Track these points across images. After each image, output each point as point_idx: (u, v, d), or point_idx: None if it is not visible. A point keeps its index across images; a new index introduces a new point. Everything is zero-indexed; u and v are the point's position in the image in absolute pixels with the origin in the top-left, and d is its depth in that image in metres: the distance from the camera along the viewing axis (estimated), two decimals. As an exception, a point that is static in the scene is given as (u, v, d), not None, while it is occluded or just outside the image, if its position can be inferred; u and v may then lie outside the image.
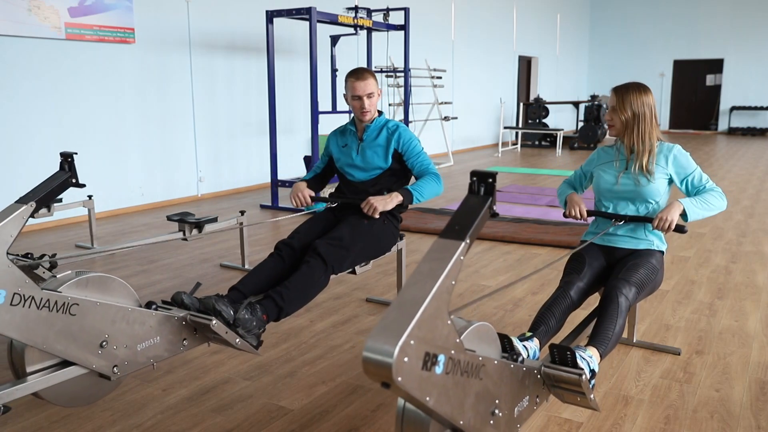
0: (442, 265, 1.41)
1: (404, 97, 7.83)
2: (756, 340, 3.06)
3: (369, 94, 3.01)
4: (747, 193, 7.34)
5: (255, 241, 5.08)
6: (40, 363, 2.12)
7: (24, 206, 2.13)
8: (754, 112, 16.45)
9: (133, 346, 2.24)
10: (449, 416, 1.46)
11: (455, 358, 1.44)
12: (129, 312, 2.22)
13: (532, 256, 4.61)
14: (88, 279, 2.17)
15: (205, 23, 6.97)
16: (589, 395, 1.98)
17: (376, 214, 2.82)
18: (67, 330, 2.05)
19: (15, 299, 1.94)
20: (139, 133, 6.43)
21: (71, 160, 2.35)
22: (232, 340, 2.36)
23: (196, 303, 2.41)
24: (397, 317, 1.30)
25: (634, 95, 2.63)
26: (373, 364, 1.25)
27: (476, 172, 1.60)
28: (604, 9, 18.06)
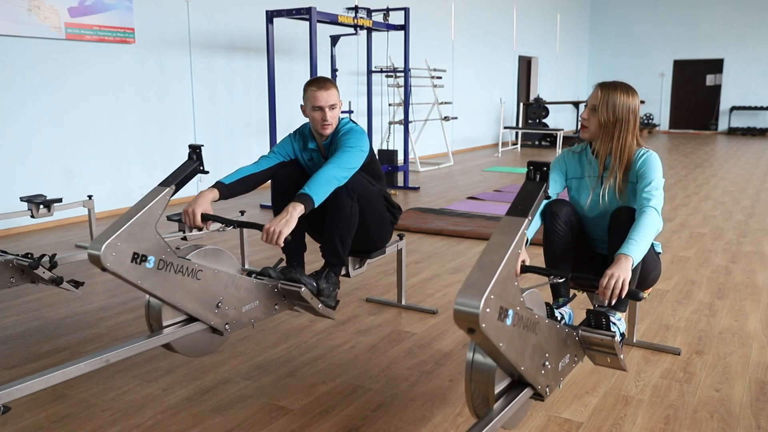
0: (512, 237, 1.72)
1: (404, 97, 7.83)
2: (756, 340, 3.06)
3: (332, 105, 2.78)
4: (747, 193, 7.34)
5: (255, 240, 5.08)
6: (172, 319, 2.47)
7: (166, 189, 2.45)
8: (754, 112, 16.45)
9: (240, 307, 2.61)
10: (514, 361, 1.76)
11: (520, 314, 1.74)
12: (237, 278, 2.57)
13: (533, 256, 4.61)
14: (205, 251, 2.53)
15: (205, 23, 6.97)
16: (620, 355, 2.16)
17: (281, 240, 2.45)
18: (194, 291, 2.43)
19: (161, 264, 2.31)
20: (139, 133, 6.43)
21: (199, 151, 2.63)
22: (315, 305, 2.72)
23: (281, 275, 2.71)
24: (480, 277, 1.61)
25: (621, 96, 2.40)
26: (464, 313, 1.55)
27: (532, 162, 1.92)
28: (604, 9, 18.06)
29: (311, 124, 2.87)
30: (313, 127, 2.87)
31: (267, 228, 2.47)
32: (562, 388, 2.55)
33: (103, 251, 2.14)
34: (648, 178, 2.39)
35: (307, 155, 2.99)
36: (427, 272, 4.22)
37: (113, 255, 2.17)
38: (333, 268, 2.82)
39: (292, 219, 2.48)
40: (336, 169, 2.65)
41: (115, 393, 2.53)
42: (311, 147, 2.95)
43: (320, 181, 2.60)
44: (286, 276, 2.71)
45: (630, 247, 2.18)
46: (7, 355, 2.90)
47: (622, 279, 2.07)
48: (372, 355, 2.90)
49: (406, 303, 3.55)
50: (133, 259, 2.23)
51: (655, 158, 2.45)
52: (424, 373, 2.71)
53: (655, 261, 2.58)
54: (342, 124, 2.91)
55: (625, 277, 2.08)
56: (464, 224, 5.55)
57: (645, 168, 2.42)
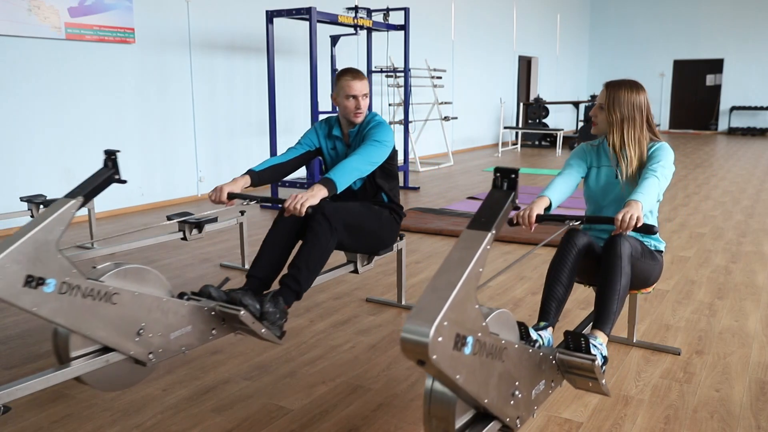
0: (471, 254, 1.52)
1: (404, 97, 7.83)
2: (756, 340, 3.06)
3: (365, 94, 2.93)
4: (747, 193, 7.34)
5: (255, 241, 5.08)
6: (83, 349, 2.22)
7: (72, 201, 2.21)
8: (754, 112, 16.45)
9: (167, 334, 2.35)
10: (476, 394, 1.58)
11: (482, 340, 1.56)
12: (164, 302, 2.33)
13: (533, 256, 4.60)
14: (126, 270, 2.28)
15: (205, 23, 6.97)
16: (601, 380, 2.05)
17: (303, 209, 2.51)
18: (108, 318, 2.17)
19: (63, 288, 2.04)
20: (139, 133, 6.43)
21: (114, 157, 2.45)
22: (258, 330, 2.47)
23: (224, 296, 2.50)
24: (432, 300, 1.42)
25: (625, 95, 2.49)
26: (411, 343, 1.36)
27: (500, 168, 1.72)
28: (604, 9, 18.06)
29: (342, 111, 2.98)
30: (344, 114, 2.98)
31: (292, 196, 2.56)
32: (563, 388, 2.55)
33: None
34: (656, 159, 2.47)
35: (330, 143, 3.08)
36: (427, 272, 4.22)
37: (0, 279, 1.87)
38: (285, 294, 2.59)
39: (317, 195, 2.59)
40: (360, 161, 2.77)
41: (115, 393, 2.53)
42: (335, 134, 3.04)
43: (344, 169, 2.71)
44: (227, 297, 2.49)
45: (637, 196, 2.29)
46: (7, 355, 2.90)
47: (635, 215, 2.19)
48: (372, 355, 2.90)
49: (406, 303, 3.55)
50: (27, 283, 1.93)
51: (666, 147, 2.53)
52: (424, 373, 2.71)
53: (656, 261, 2.59)
54: (371, 116, 3.02)
55: (638, 214, 2.19)
56: (464, 224, 5.55)
57: (656, 153, 2.51)
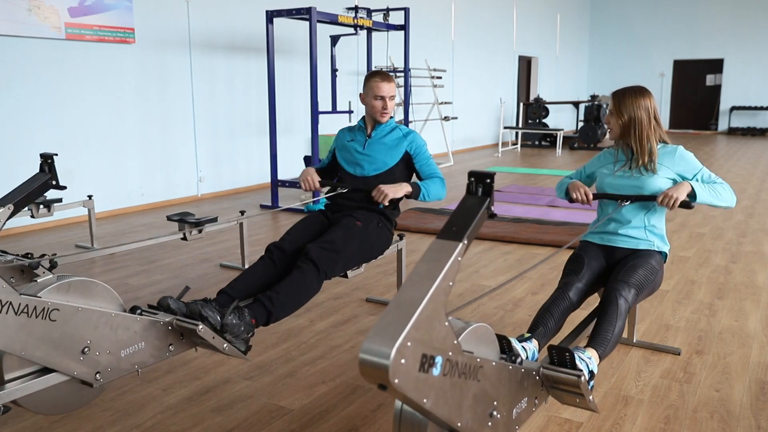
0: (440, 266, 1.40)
1: (404, 97, 7.83)
2: (756, 340, 3.06)
3: (392, 96, 3.13)
4: (747, 193, 7.34)
5: (255, 241, 5.08)
6: (20, 370, 2.04)
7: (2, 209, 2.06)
8: (754, 112, 16.45)
9: (117, 352, 2.17)
10: (446, 418, 1.45)
11: (453, 360, 1.43)
12: (112, 317, 2.15)
13: (532, 256, 4.60)
14: (70, 283, 2.10)
15: (205, 23, 6.97)
16: (588, 396, 1.97)
17: (386, 201, 2.88)
18: (47, 336, 1.98)
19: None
20: (139, 133, 6.43)
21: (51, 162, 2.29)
22: (219, 345, 2.31)
23: (183, 308, 2.36)
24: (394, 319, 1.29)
25: (630, 100, 2.67)
26: (370, 365, 1.24)
27: (474, 172, 1.60)
28: (604, 9, 18.06)
29: (369, 110, 3.16)
30: (371, 113, 3.16)
31: (379, 187, 2.89)
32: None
33: None
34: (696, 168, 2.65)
35: (350, 135, 3.25)
36: (427, 272, 4.21)
37: None
38: (255, 309, 2.48)
39: (400, 190, 2.94)
40: (442, 189, 3.09)
41: (115, 393, 2.53)
42: (359, 124, 3.23)
43: (434, 187, 3.06)
44: (186, 310, 2.35)
45: (696, 183, 2.55)
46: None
47: (675, 196, 2.48)
48: (372, 355, 2.89)
49: (406, 303, 3.54)
50: None
51: (688, 153, 2.68)
52: (424, 373, 2.71)
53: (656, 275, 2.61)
54: (406, 129, 3.21)
55: (678, 195, 2.48)
56: (464, 224, 5.54)
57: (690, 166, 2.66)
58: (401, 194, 2.95)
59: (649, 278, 2.55)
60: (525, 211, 6.20)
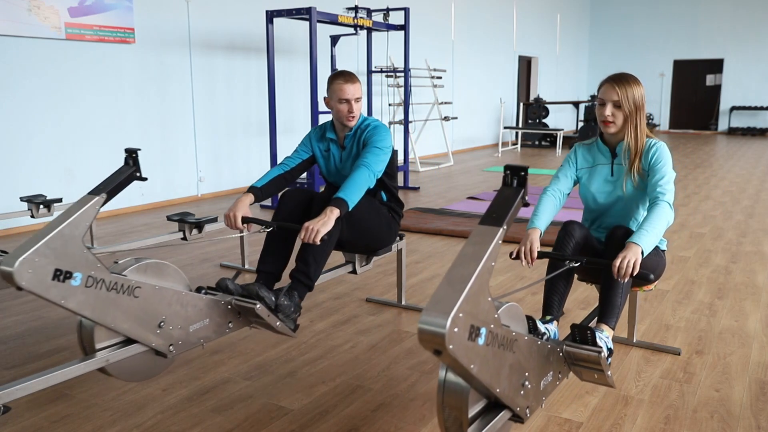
0: (484, 249, 1.59)
1: (404, 97, 7.83)
2: (756, 340, 3.06)
3: (357, 98, 2.90)
4: (747, 193, 7.34)
5: (255, 241, 5.08)
6: (107, 341, 2.29)
7: (96, 197, 2.27)
8: (754, 112, 16.45)
9: (186, 326, 2.43)
10: (488, 383, 1.65)
11: (494, 332, 1.63)
12: (183, 295, 2.39)
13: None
14: (147, 265, 2.34)
15: (205, 23, 6.97)
16: (607, 372, 2.10)
17: (318, 239, 2.55)
18: (131, 310, 2.24)
19: (89, 281, 2.11)
20: (139, 133, 6.43)
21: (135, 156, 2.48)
22: (273, 323, 2.53)
23: (239, 289, 2.55)
24: (448, 293, 1.49)
25: (634, 87, 2.47)
26: (428, 333, 1.43)
27: (509, 166, 1.78)
28: (604, 9, 18.06)
29: (335, 115, 2.95)
30: (337, 119, 2.96)
31: (306, 226, 2.58)
32: (563, 388, 2.55)
33: (16, 268, 1.90)
34: (660, 173, 2.47)
35: (323, 145, 3.06)
36: (427, 272, 4.22)
37: (30, 272, 1.94)
38: (298, 287, 2.67)
39: (329, 221, 2.60)
40: (367, 173, 2.78)
41: (115, 393, 2.53)
42: (329, 136, 3.03)
43: (353, 186, 2.73)
44: (244, 291, 2.55)
45: (641, 238, 2.27)
46: (7, 355, 2.90)
47: (633, 261, 2.20)
48: (372, 355, 2.90)
49: (406, 303, 3.55)
50: (55, 277, 2.01)
51: (666, 150, 2.53)
52: (424, 373, 2.71)
53: (659, 257, 2.59)
54: (367, 119, 3.00)
55: (636, 259, 2.20)
56: (464, 224, 5.55)
57: (658, 162, 2.50)
58: (332, 224, 2.60)
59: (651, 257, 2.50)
60: (525, 211, 6.20)
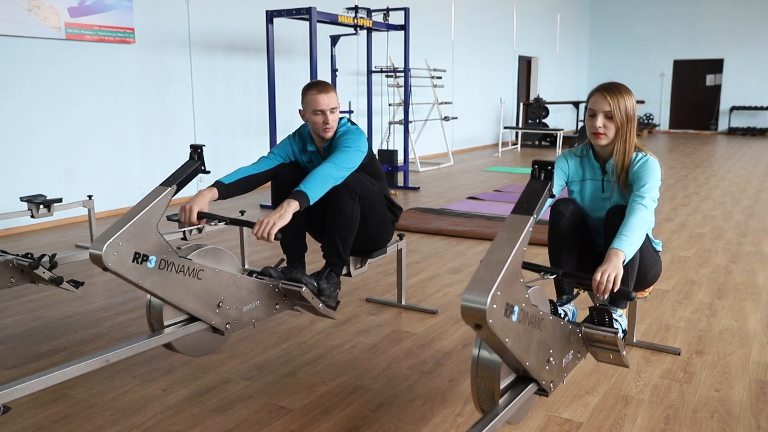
0: (517, 235, 1.76)
1: (404, 97, 7.83)
2: (756, 340, 3.06)
3: (332, 108, 2.78)
4: (747, 193, 7.34)
5: (255, 241, 5.08)
6: (173, 318, 2.50)
7: (168, 188, 2.42)
8: (754, 112, 16.45)
9: (240, 307, 2.61)
10: (520, 357, 1.81)
11: (525, 310, 1.79)
12: (237, 278, 2.58)
13: (533, 256, 4.60)
14: (206, 250, 2.54)
15: (205, 23, 6.97)
16: (622, 351, 2.20)
17: (272, 233, 2.43)
18: (195, 291, 2.43)
19: (162, 264, 2.31)
20: (139, 133, 6.43)
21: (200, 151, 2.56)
22: (316, 305, 2.72)
23: (282, 275, 2.73)
24: (487, 273, 1.65)
25: (626, 97, 2.45)
26: (471, 309, 1.59)
27: (537, 161, 1.95)
28: (604, 9, 18.06)
29: (311, 127, 2.85)
30: (313, 130, 2.86)
31: (260, 220, 2.46)
32: (563, 388, 2.55)
33: (104, 251, 2.14)
34: (643, 180, 2.41)
35: (306, 157, 2.98)
36: (427, 272, 4.22)
37: (115, 255, 2.17)
38: (334, 269, 2.83)
39: (286, 214, 2.48)
40: (333, 168, 2.65)
41: (115, 393, 2.53)
42: (310, 149, 2.94)
43: (316, 179, 2.60)
44: (287, 276, 2.72)
45: (621, 243, 2.19)
46: (7, 355, 2.90)
47: (613, 275, 2.07)
48: (372, 355, 2.90)
49: (406, 303, 3.55)
50: (135, 259, 2.23)
51: (654, 163, 2.46)
52: (424, 373, 2.71)
53: (654, 260, 2.59)
54: (340, 125, 2.90)
55: (616, 273, 2.08)
56: (464, 224, 5.55)
57: (642, 171, 2.44)
58: (288, 217, 2.48)
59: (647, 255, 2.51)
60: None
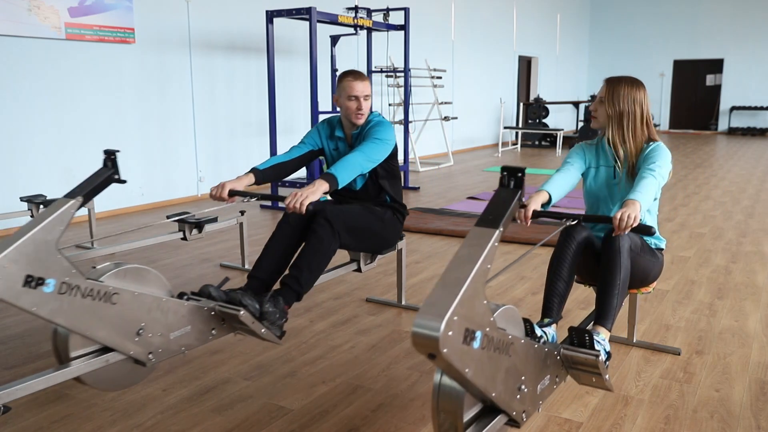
0: (480, 251, 1.57)
1: (404, 97, 7.83)
2: (756, 340, 3.06)
3: (366, 96, 2.93)
4: (747, 193, 7.34)
5: (255, 241, 5.08)
6: (83, 349, 2.23)
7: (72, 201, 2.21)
8: (754, 112, 16.45)
9: (167, 334, 2.36)
10: (483, 388, 1.62)
11: (490, 335, 1.60)
12: (163, 302, 2.33)
13: (532, 256, 4.60)
14: (126, 270, 2.29)
15: (205, 23, 6.97)
16: (605, 375, 2.08)
17: (304, 207, 2.52)
18: (108, 318, 2.17)
19: (63, 288, 2.04)
20: (139, 133, 6.43)
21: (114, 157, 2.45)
22: (257, 330, 2.47)
23: (223, 296, 2.50)
24: (442, 296, 1.46)
25: (625, 90, 2.51)
26: (422, 337, 1.41)
27: (506, 167, 1.77)
28: (604, 9, 18.06)
29: (344, 113, 2.98)
30: (345, 116, 2.99)
31: (293, 193, 2.55)
32: (563, 388, 2.55)
33: None
34: (653, 159, 2.48)
35: (332, 144, 3.09)
36: (427, 272, 4.22)
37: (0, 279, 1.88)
38: (285, 294, 2.59)
39: (318, 191, 2.60)
40: (362, 157, 2.77)
41: (115, 393, 2.53)
42: (338, 135, 3.05)
43: (346, 165, 2.72)
44: (227, 297, 2.48)
45: (636, 195, 2.29)
46: (7, 355, 2.90)
47: (633, 215, 2.17)
48: (372, 355, 2.90)
49: (406, 303, 3.55)
50: (27, 283, 1.94)
51: (663, 147, 2.54)
52: (424, 373, 2.71)
53: (653, 262, 2.59)
54: (372, 116, 3.03)
55: (635, 213, 2.18)
56: (464, 224, 5.55)
57: (653, 153, 2.52)
58: (319, 194, 2.60)
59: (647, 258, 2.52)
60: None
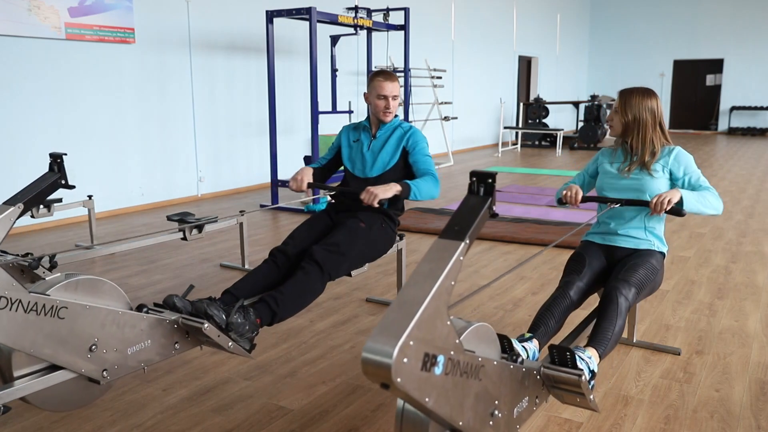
0: (442, 266, 1.40)
1: (404, 97, 7.83)
2: (756, 340, 3.06)
3: (394, 96, 3.12)
4: (747, 193, 7.34)
5: (255, 241, 5.08)
6: (28, 367, 2.05)
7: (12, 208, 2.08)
8: (754, 112, 16.45)
9: (124, 349, 2.18)
10: (448, 417, 1.45)
11: (454, 359, 1.43)
12: (119, 315, 2.16)
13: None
14: (77, 282, 2.11)
15: (205, 23, 6.97)
16: (589, 396, 1.97)
17: (376, 201, 2.75)
18: (55, 334, 1.99)
19: (1, 302, 1.87)
20: (139, 133, 6.43)
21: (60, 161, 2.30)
22: (224, 343, 2.32)
23: (188, 306, 2.36)
24: (397, 318, 1.29)
25: (636, 99, 2.68)
26: (373, 365, 1.24)
27: (475, 172, 1.60)
28: (604, 9, 18.06)
29: (373, 110, 3.16)
30: (374, 113, 3.17)
31: (368, 188, 2.77)
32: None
33: None
34: (689, 173, 2.66)
35: (354, 135, 3.24)
36: (427, 272, 4.21)
37: None
38: (260, 309, 2.50)
39: (390, 190, 2.81)
40: (434, 188, 2.98)
41: (115, 393, 2.53)
42: (364, 124, 3.23)
43: (423, 184, 2.95)
44: (192, 307, 2.36)
45: (685, 191, 2.51)
46: (7, 355, 2.90)
47: (669, 198, 2.45)
48: (372, 355, 2.89)
49: (406, 303, 3.54)
50: None
51: (685, 154, 2.70)
52: (424, 373, 2.71)
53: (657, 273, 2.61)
54: (401, 121, 3.21)
55: (673, 198, 2.44)
56: (464, 224, 5.53)
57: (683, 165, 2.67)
58: (391, 194, 2.81)
59: (649, 277, 2.55)
60: (525, 211, 6.20)
